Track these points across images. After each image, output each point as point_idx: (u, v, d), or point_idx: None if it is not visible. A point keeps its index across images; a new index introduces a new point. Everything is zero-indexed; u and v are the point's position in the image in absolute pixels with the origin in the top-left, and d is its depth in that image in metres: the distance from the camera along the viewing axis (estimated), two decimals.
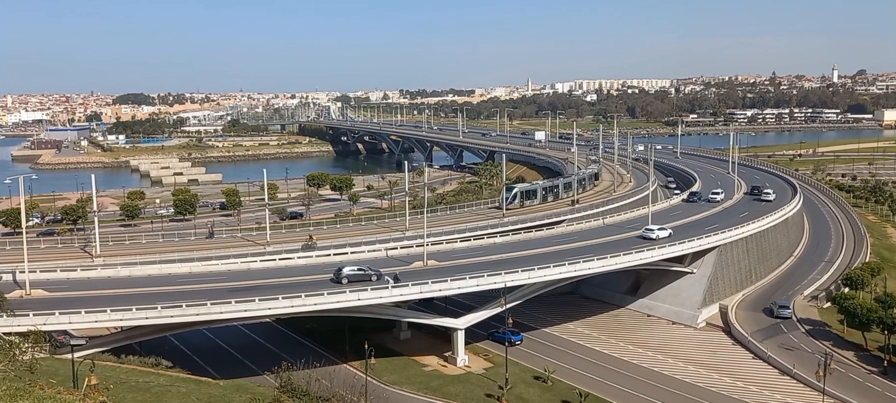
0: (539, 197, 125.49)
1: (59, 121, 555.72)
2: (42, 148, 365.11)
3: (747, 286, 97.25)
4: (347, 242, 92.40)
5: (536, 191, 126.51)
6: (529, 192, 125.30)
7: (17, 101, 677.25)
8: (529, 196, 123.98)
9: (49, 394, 17.19)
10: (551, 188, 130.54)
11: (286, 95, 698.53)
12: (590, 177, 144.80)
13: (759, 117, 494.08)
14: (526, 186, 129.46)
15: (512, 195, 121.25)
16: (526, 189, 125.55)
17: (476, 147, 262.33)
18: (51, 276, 72.03)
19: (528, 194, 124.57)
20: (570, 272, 78.54)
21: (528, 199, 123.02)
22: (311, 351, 72.73)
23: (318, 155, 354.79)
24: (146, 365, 55.03)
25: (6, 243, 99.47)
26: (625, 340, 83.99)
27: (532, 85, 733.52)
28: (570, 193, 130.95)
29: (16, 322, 50.63)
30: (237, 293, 65.35)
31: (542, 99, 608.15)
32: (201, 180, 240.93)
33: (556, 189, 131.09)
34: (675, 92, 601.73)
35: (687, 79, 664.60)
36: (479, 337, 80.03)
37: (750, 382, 71.33)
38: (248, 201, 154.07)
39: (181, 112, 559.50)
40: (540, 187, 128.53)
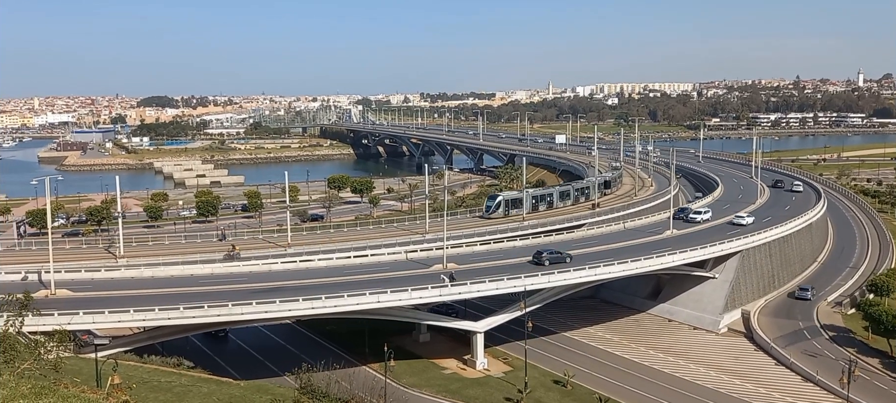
0: (527, 206, 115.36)
1: (85, 123, 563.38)
2: (68, 150, 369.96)
3: (770, 291, 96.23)
4: (367, 244, 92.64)
5: (522, 200, 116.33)
6: (516, 200, 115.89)
7: (44, 103, 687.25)
8: (516, 205, 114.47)
9: (73, 393, 17.41)
10: (543, 197, 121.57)
11: (308, 98, 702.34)
12: (596, 185, 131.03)
13: (783, 121, 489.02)
14: (512, 194, 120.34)
15: (495, 204, 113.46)
16: (512, 198, 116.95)
17: (496, 150, 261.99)
18: (75, 276, 72.82)
19: (515, 202, 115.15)
20: (591, 277, 78.17)
21: (514, 208, 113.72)
22: (331, 353, 72.99)
23: (339, 158, 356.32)
24: (168, 365, 55.48)
25: (32, 244, 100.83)
26: (646, 345, 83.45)
27: (553, 88, 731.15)
28: (566, 201, 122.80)
29: (41, 322, 51.22)
30: (258, 295, 65.74)
31: (563, 102, 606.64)
32: (223, 182, 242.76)
33: (549, 198, 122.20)
34: (697, 96, 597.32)
35: (710, 82, 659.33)
36: (498, 341, 79.89)
37: (773, 388, 70.60)
38: (269, 203, 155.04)
39: (204, 115, 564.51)
40: (528, 196, 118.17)
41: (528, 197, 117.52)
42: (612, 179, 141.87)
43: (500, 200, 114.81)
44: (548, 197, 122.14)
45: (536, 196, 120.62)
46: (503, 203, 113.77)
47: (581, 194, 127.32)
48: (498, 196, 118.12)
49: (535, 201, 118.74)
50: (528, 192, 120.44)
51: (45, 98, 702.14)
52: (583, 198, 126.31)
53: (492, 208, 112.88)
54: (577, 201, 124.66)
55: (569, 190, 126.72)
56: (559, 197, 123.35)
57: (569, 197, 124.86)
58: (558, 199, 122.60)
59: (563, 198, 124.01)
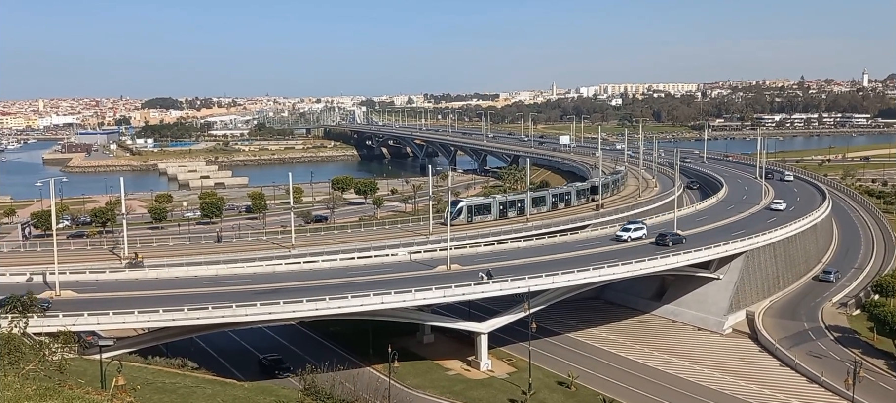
0: (495, 212, 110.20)
1: (89, 125, 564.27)
2: (72, 151, 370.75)
3: (775, 292, 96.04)
4: (371, 245, 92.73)
5: (491, 206, 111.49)
6: (481, 207, 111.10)
7: (49, 105, 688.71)
8: (481, 212, 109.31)
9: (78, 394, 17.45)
10: (513, 203, 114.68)
11: (312, 100, 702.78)
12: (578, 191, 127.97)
13: (788, 122, 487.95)
14: (477, 200, 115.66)
15: (457, 210, 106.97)
16: (477, 204, 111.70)
17: (500, 151, 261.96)
18: (80, 277, 73.08)
19: (480, 209, 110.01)
20: (595, 278, 78.10)
21: (479, 214, 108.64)
22: (335, 354, 73.00)
23: (343, 159, 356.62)
24: (172, 366, 55.56)
25: (37, 245, 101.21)
26: (650, 346, 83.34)
27: (557, 89, 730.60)
28: (541, 207, 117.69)
29: (46, 323, 51.38)
30: (262, 296, 65.83)
31: (567, 103, 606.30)
32: (228, 183, 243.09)
33: (519, 204, 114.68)
34: (701, 96, 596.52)
35: (714, 83, 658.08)
36: (502, 342, 79.84)
37: (777, 390, 70.47)
38: (273, 205, 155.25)
39: (208, 116, 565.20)
40: (496, 202, 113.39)
41: (495, 204, 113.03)
42: (604, 183, 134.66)
43: (462, 206, 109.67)
44: (518, 203, 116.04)
45: (505, 202, 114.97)
46: (465, 210, 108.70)
47: (559, 200, 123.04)
48: (460, 202, 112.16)
49: (503, 207, 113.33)
50: (496, 198, 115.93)
51: (50, 100, 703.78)
52: (562, 204, 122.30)
53: (453, 215, 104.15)
54: (554, 208, 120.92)
55: (544, 196, 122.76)
56: (533, 204, 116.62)
57: (544, 203, 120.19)
58: (531, 206, 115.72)
59: (538, 204, 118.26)
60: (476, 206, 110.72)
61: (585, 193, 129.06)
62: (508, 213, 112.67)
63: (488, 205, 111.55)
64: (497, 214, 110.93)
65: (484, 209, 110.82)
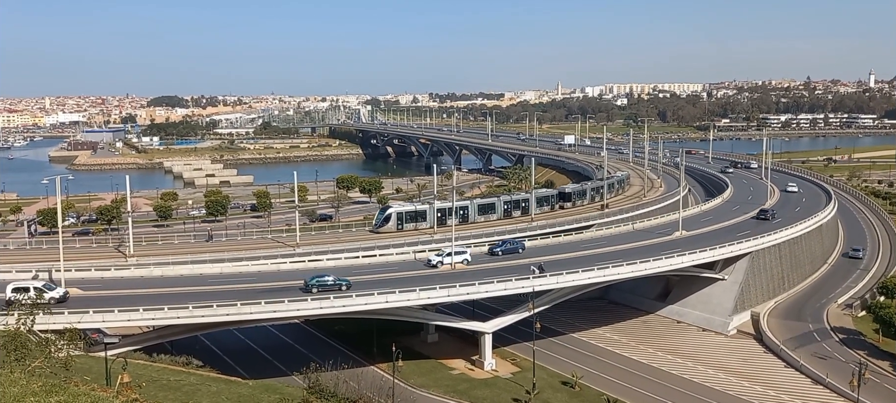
0: (431, 220, 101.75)
1: (95, 123, 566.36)
2: (78, 149, 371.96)
3: (780, 293, 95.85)
4: (376, 244, 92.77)
5: (426, 213, 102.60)
6: (414, 214, 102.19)
7: (55, 102, 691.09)
8: (414, 219, 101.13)
9: (84, 391, 17.53)
10: (457, 210, 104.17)
11: (317, 98, 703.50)
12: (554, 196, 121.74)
13: (794, 122, 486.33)
14: (406, 207, 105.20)
15: (384, 217, 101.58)
16: (407, 212, 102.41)
17: (505, 151, 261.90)
18: (85, 275, 73.35)
19: (413, 216, 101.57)
20: (599, 278, 78.08)
21: (412, 222, 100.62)
22: (340, 353, 73.12)
23: (348, 158, 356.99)
24: (177, 364, 55.58)
25: (43, 242, 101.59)
26: (654, 346, 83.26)
27: (562, 89, 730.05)
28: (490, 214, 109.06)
29: (52, 320, 51.53)
30: (267, 294, 66.00)
31: (572, 103, 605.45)
32: (233, 181, 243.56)
33: (464, 211, 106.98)
34: (707, 96, 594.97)
35: (719, 83, 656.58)
36: (506, 341, 79.84)
37: (782, 391, 70.36)
38: (278, 203, 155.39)
39: (214, 115, 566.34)
40: (433, 209, 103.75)
41: (432, 211, 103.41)
42: (584, 190, 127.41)
43: (391, 213, 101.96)
44: (462, 210, 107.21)
45: (443, 209, 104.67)
46: (394, 217, 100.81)
47: (515, 207, 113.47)
48: (388, 209, 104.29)
49: (442, 214, 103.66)
50: (434, 205, 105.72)
51: (56, 98, 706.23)
52: (518, 212, 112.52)
53: (380, 223, 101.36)
54: (507, 216, 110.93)
55: (494, 203, 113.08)
56: (479, 210, 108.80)
57: (493, 211, 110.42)
58: (477, 212, 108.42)
59: (486, 212, 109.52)
60: (407, 213, 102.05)
61: (552, 200, 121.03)
62: (446, 220, 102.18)
63: (423, 212, 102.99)
64: (433, 221, 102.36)
65: (418, 217, 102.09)
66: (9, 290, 59.48)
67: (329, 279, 69.23)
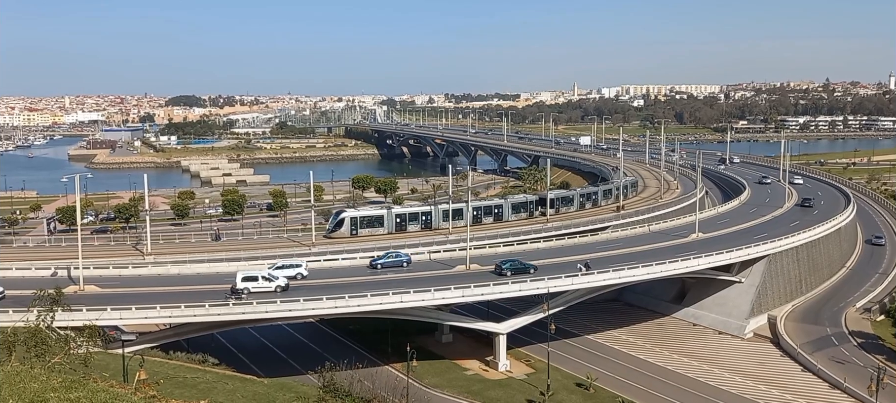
0: (389, 226, 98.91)
1: (114, 122, 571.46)
2: (97, 148, 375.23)
3: (797, 296, 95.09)
4: (391, 244, 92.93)
5: (382, 218, 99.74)
6: (370, 219, 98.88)
7: (75, 101, 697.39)
8: (370, 224, 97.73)
9: (102, 387, 17.75)
10: (415, 216, 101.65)
11: (333, 98, 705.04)
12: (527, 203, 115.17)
13: (812, 124, 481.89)
14: (361, 212, 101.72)
15: (336, 222, 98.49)
16: (362, 216, 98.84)
17: (520, 151, 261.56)
18: (104, 273, 74.01)
19: (368, 221, 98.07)
20: (614, 279, 77.79)
21: (367, 227, 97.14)
22: (354, 352, 73.39)
23: (364, 158, 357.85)
24: (193, 362, 56.11)
25: (62, 240, 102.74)
26: (670, 349, 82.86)
27: (578, 89, 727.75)
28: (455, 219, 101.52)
29: (70, 317, 52.10)
30: (282, 293, 66.33)
31: (588, 104, 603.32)
32: (249, 180, 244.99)
33: (427, 217, 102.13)
34: (724, 98, 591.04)
35: (737, 84, 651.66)
36: (521, 342, 79.77)
37: (799, 395, 69.81)
38: (294, 203, 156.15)
39: (231, 114, 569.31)
40: (389, 214, 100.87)
41: (390, 217, 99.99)
42: (570, 197, 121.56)
43: (344, 217, 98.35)
44: (424, 216, 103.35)
45: (402, 215, 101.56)
46: (348, 221, 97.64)
47: (486, 213, 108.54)
48: (342, 213, 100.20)
49: (400, 220, 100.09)
50: (393, 212, 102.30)
51: (76, 97, 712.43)
52: (489, 218, 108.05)
53: (332, 227, 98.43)
54: (477, 222, 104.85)
55: (461, 209, 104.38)
56: (444, 216, 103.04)
57: (460, 216, 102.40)
58: (442, 218, 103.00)
59: (458, 216, 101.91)
60: (362, 218, 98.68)
61: (530, 206, 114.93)
62: (408, 226, 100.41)
63: (380, 217, 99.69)
64: (391, 227, 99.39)
65: (374, 222, 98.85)
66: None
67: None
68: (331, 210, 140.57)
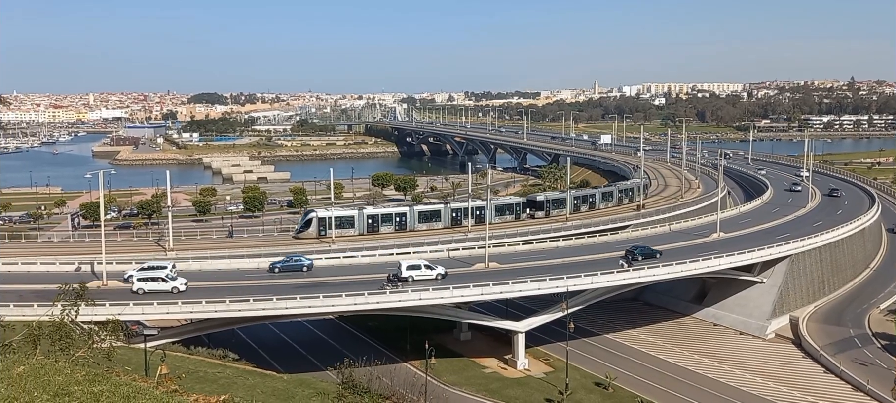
0: (360, 226, 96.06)
1: (137, 119, 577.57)
2: (120, 144, 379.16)
3: (820, 297, 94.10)
4: (410, 242, 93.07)
5: (353, 219, 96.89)
6: (340, 219, 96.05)
7: (99, 99, 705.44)
8: (339, 225, 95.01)
9: (125, 381, 17.98)
10: (388, 217, 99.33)
11: (353, 96, 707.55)
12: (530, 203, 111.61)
13: (837, 124, 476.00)
14: (331, 212, 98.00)
15: (304, 222, 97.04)
16: (330, 217, 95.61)
17: (540, 150, 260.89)
18: (126, 268, 74.66)
19: (338, 222, 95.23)
20: (635, 279, 77.43)
21: (337, 228, 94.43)
22: (373, 349, 73.66)
23: (383, 155, 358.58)
24: (214, 357, 56.60)
25: (86, 235, 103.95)
26: (690, 349, 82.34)
27: (599, 88, 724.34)
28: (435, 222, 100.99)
29: (94, 312, 52.72)
30: (302, 290, 66.77)
31: (609, 102, 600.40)
32: (270, 178, 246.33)
33: (401, 218, 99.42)
34: (747, 96, 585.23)
35: (760, 83, 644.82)
36: (539, 341, 79.64)
37: (821, 396, 69.12)
38: (314, 200, 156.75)
39: (252, 112, 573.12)
40: (363, 215, 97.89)
41: (361, 217, 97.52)
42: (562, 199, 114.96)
43: (312, 217, 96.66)
44: (398, 217, 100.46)
45: (375, 216, 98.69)
46: (316, 221, 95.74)
47: (467, 215, 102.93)
48: (310, 213, 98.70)
49: (372, 221, 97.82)
50: (364, 212, 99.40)
51: (100, 94, 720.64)
52: (436, 222, 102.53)
53: (300, 227, 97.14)
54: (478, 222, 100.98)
55: (405, 213, 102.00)
56: (420, 217, 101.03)
57: (438, 218, 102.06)
58: (418, 220, 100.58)
59: (429, 219, 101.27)
60: (331, 218, 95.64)
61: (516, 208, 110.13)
62: (381, 227, 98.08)
63: (351, 218, 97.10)
64: (363, 228, 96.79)
65: (344, 222, 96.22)
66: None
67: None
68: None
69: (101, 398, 15.33)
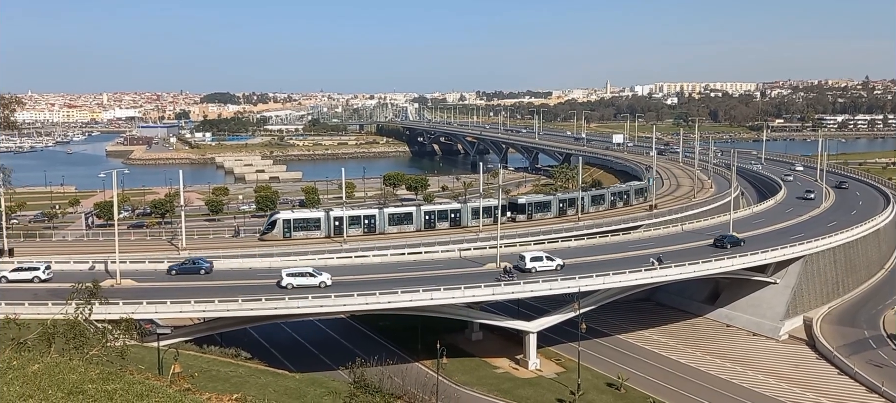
0: (326, 229, 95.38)
1: (150, 118, 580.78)
2: (134, 144, 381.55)
3: (834, 298, 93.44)
4: (421, 241, 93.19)
5: (319, 221, 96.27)
6: (305, 221, 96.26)
7: (112, 99, 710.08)
8: (305, 227, 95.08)
9: (138, 379, 18.07)
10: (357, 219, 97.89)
11: (365, 96, 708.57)
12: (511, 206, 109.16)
13: (851, 123, 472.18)
14: (296, 214, 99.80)
15: (269, 224, 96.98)
16: (296, 219, 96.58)
17: (551, 149, 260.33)
18: (139, 267, 75.27)
19: (303, 224, 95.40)
20: (646, 279, 77.13)
21: (302, 229, 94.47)
22: (384, 349, 73.76)
23: (395, 155, 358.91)
24: (227, 356, 56.78)
25: (99, 234, 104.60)
26: (702, 350, 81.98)
27: (610, 87, 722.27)
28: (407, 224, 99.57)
29: (107, 311, 53.07)
30: (313, 289, 66.90)
31: (621, 101, 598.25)
32: (282, 177, 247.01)
33: (370, 220, 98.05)
34: (760, 96, 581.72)
35: (773, 82, 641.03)
36: (551, 341, 79.47)
37: (835, 398, 68.69)
38: (326, 199, 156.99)
39: (264, 111, 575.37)
40: (327, 217, 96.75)
41: (328, 220, 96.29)
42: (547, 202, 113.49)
43: (277, 219, 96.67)
44: (367, 219, 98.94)
45: (341, 218, 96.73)
46: (281, 224, 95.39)
47: (443, 217, 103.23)
48: (275, 215, 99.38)
49: (339, 224, 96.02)
50: (331, 214, 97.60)
51: (113, 94, 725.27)
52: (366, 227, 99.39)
53: (266, 229, 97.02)
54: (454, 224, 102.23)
55: (412, 211, 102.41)
56: (391, 220, 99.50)
57: (409, 220, 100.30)
58: (388, 222, 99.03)
59: (401, 221, 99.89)
60: (296, 220, 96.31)
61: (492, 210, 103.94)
62: (349, 229, 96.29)
63: (317, 220, 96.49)
64: (330, 230, 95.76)
65: (309, 224, 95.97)
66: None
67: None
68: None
69: (115, 396, 15.40)
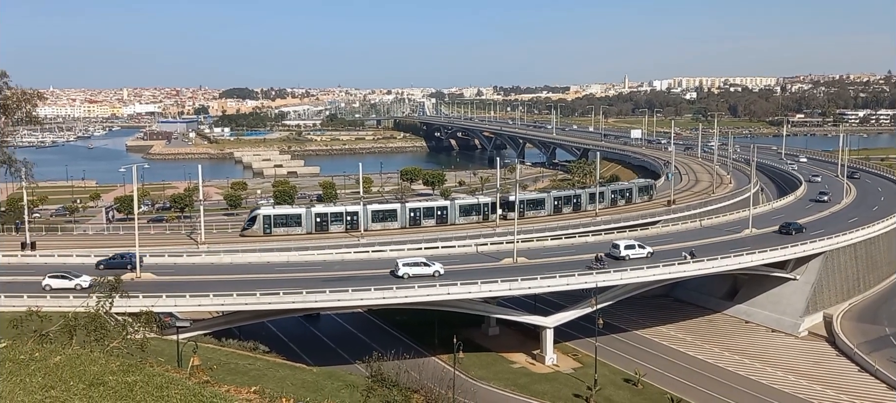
0: (308, 225, 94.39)
1: (170, 113, 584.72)
2: (154, 139, 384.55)
3: (855, 294, 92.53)
4: (438, 236, 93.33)
5: (300, 217, 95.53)
6: (286, 217, 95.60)
7: (132, 94, 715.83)
8: (285, 223, 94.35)
9: (158, 372, 18.28)
10: (338, 216, 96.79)
11: (382, 91, 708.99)
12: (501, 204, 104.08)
13: (873, 118, 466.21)
14: (277, 210, 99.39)
15: (250, 220, 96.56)
16: (277, 215, 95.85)
17: (569, 144, 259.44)
18: (159, 261, 75.94)
19: (284, 220, 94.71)
20: (665, 275, 76.78)
21: (283, 225, 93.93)
22: (401, 343, 73.72)
23: (412, 150, 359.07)
24: (245, 349, 57.19)
25: (120, 228, 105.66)
26: (721, 346, 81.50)
27: (629, 82, 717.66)
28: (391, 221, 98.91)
29: (128, 304, 53.63)
30: (331, 283, 67.20)
31: (639, 96, 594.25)
32: (300, 172, 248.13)
33: (352, 217, 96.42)
34: (780, 90, 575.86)
35: (794, 77, 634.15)
36: (568, 336, 79.35)
37: (855, 395, 68.05)
38: (343, 194, 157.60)
39: (282, 106, 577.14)
40: (308, 213, 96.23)
41: (309, 216, 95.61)
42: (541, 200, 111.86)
43: (257, 215, 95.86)
44: (350, 216, 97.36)
45: (323, 215, 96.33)
46: (261, 219, 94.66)
47: (429, 215, 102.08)
48: (256, 210, 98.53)
49: (321, 220, 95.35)
50: (312, 211, 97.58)
51: (134, 89, 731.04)
52: (435, 221, 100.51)
53: (246, 225, 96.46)
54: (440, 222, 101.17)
55: (397, 208, 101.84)
56: (374, 217, 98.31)
57: (394, 218, 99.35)
58: (371, 219, 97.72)
59: (384, 219, 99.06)
60: (277, 216, 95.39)
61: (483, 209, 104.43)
62: (330, 226, 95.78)
63: (298, 216, 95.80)
64: (311, 227, 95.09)
65: (290, 220, 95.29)
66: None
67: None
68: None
69: (135, 388, 15.60)
